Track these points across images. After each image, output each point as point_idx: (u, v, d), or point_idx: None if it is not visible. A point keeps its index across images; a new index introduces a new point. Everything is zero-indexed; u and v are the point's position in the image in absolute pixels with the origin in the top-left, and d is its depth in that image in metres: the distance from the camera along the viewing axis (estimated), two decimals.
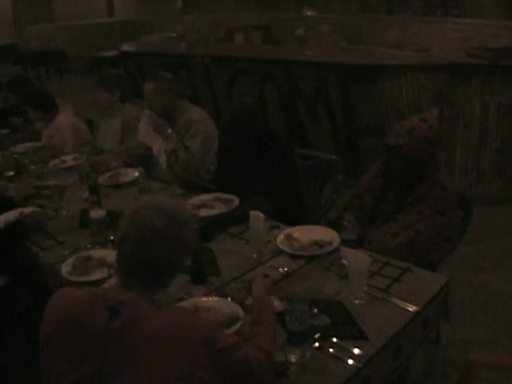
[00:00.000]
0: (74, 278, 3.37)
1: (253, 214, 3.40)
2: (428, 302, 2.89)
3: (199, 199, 4.26)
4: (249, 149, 4.32)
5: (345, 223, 3.24)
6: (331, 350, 2.53)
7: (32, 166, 5.48)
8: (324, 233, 3.53)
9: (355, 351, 2.52)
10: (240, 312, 2.75)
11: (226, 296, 2.95)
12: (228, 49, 9.96)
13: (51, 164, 5.64)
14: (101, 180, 4.93)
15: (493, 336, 4.49)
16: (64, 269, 3.48)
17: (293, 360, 2.44)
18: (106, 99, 5.93)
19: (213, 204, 4.18)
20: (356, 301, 2.86)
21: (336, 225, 3.58)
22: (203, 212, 4.00)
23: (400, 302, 2.85)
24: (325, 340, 2.59)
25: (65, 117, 6.45)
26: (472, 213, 4.03)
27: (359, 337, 2.62)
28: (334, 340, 2.58)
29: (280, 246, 3.44)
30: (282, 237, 3.53)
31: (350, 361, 2.46)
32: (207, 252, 3.45)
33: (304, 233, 3.57)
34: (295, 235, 3.55)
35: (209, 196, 4.30)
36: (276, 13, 11.97)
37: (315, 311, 2.75)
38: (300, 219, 3.94)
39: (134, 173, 4.93)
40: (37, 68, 15.90)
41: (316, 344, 2.56)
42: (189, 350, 2.06)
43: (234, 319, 2.70)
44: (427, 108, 5.71)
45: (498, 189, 6.95)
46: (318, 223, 4.02)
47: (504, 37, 9.54)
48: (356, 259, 2.86)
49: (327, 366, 2.45)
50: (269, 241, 3.50)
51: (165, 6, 14.93)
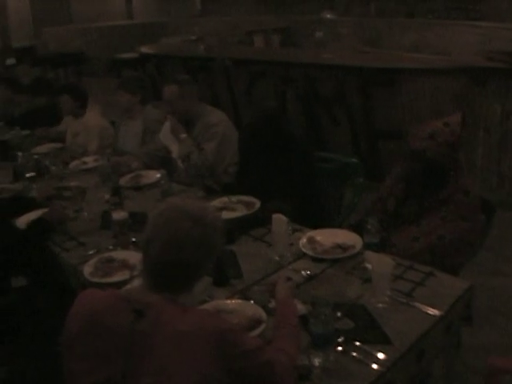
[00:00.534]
0: (96, 280, 3.39)
1: (276, 217, 3.41)
2: (451, 307, 2.89)
3: (221, 201, 4.26)
4: (271, 152, 4.33)
5: (368, 227, 3.24)
6: (355, 354, 2.52)
7: (53, 167, 5.50)
8: (347, 236, 3.54)
9: (379, 355, 2.51)
10: (263, 315, 2.76)
11: (249, 299, 2.95)
12: (248, 51, 9.99)
13: (72, 165, 5.67)
14: (122, 181, 4.95)
15: None
16: (86, 270, 3.49)
17: (316, 364, 2.44)
18: (127, 101, 5.96)
19: (234, 206, 4.18)
20: (379, 304, 2.86)
21: (358, 228, 3.58)
22: (225, 214, 3.99)
23: (423, 307, 2.85)
24: (348, 344, 2.58)
25: (93, 116, 6.48)
26: (494, 218, 4.02)
27: (383, 341, 2.61)
28: (358, 344, 2.58)
29: (303, 249, 3.45)
30: (305, 240, 3.53)
31: (374, 365, 2.46)
32: (229, 254, 3.46)
33: (327, 236, 3.57)
34: (318, 238, 3.55)
35: (230, 199, 4.29)
36: (295, 15, 11.96)
37: (338, 315, 2.75)
38: (321, 222, 3.95)
39: (156, 175, 4.95)
40: (56, 69, 15.96)
41: (339, 348, 2.56)
42: (213, 353, 2.06)
43: (257, 322, 2.70)
44: (446, 111, 5.68)
45: None
46: (339, 226, 4.04)
47: None
48: (380, 263, 2.86)
49: (350, 370, 2.45)
50: (291, 244, 3.51)
51: (184, 9, 14.96)
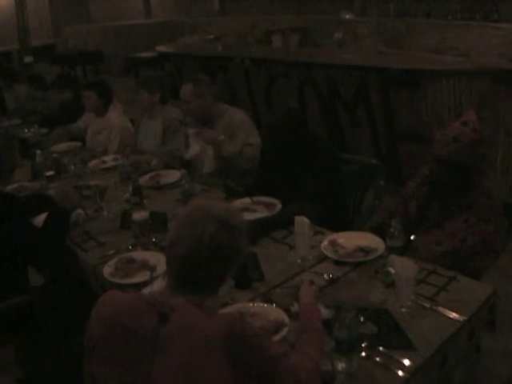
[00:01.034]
0: (117, 280, 3.38)
1: (298, 220, 3.39)
2: (475, 312, 2.85)
3: (242, 203, 4.23)
4: (293, 153, 4.31)
5: (391, 230, 3.21)
6: (378, 360, 2.50)
7: (72, 166, 5.50)
8: (369, 239, 3.50)
9: (402, 361, 2.48)
10: (285, 319, 2.74)
11: (271, 302, 2.93)
12: (267, 51, 9.95)
13: (91, 164, 5.67)
14: (142, 181, 4.92)
15: None
16: (106, 270, 3.48)
17: (340, 369, 2.42)
18: (147, 100, 5.95)
19: (255, 208, 4.16)
20: (403, 309, 2.82)
21: (380, 231, 3.55)
22: (246, 215, 3.96)
23: (446, 311, 2.82)
24: (372, 349, 2.55)
25: (116, 115, 6.48)
26: None
27: (407, 346, 2.58)
28: (381, 349, 2.55)
29: (324, 252, 3.42)
30: (326, 243, 3.50)
31: (398, 371, 2.43)
32: (251, 256, 3.42)
33: (349, 239, 3.54)
34: (340, 241, 3.52)
35: (251, 199, 4.27)
36: (313, 15, 11.93)
37: (362, 319, 2.73)
38: (342, 225, 3.93)
39: (176, 174, 4.93)
40: (74, 68, 16.01)
41: (363, 353, 2.53)
42: (238, 358, 2.05)
43: (280, 326, 2.69)
44: None
45: None
46: (361, 229, 4.00)
47: None
48: (403, 267, 2.83)
49: (374, 376, 2.42)
50: (313, 246, 3.48)
51: (202, 8, 14.96)
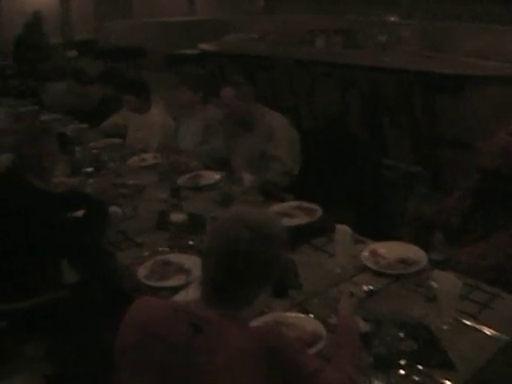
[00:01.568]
0: (152, 283, 3.34)
1: (339, 228, 3.31)
2: None
3: (281, 207, 4.16)
4: (334, 158, 4.24)
5: (435, 242, 3.12)
6: (417, 379, 2.43)
7: (111, 163, 5.49)
8: (411, 250, 3.41)
9: (442, 381, 2.41)
10: (323, 331, 2.68)
11: (309, 312, 2.88)
12: (310, 52, 9.88)
13: (130, 161, 5.64)
14: (180, 181, 4.89)
15: None
16: (141, 272, 3.45)
17: None
18: (189, 98, 5.91)
19: (294, 213, 4.07)
20: (444, 326, 2.74)
21: (422, 242, 3.47)
22: (285, 221, 3.89)
23: (489, 330, 2.73)
24: (411, 367, 2.47)
25: (157, 113, 6.46)
26: None
27: (447, 366, 2.50)
28: (420, 367, 2.48)
29: (365, 262, 3.34)
30: (367, 253, 3.42)
31: None
32: (290, 264, 3.34)
33: (390, 249, 3.45)
34: (381, 251, 3.44)
35: (291, 204, 4.20)
36: (357, 16, 11.82)
37: (401, 335, 2.64)
38: (384, 233, 3.84)
39: (215, 176, 4.88)
40: (116, 63, 16.05)
41: (401, 371, 2.45)
42: (273, 373, 2.00)
43: (317, 338, 2.63)
44: None
45: None
46: (402, 238, 3.91)
47: None
48: (447, 283, 2.75)
49: None
50: (353, 255, 3.40)
51: (246, 6, 14.92)
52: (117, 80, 7.52)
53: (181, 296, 2.93)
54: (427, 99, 6.93)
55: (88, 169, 5.18)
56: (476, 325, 2.77)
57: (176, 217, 3.77)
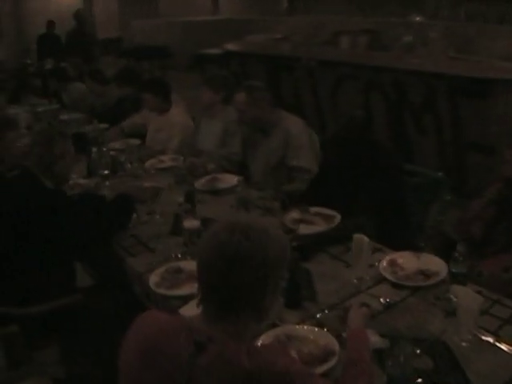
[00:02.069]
0: (162, 291, 3.27)
1: (357, 237, 3.19)
2: None
3: (299, 213, 4.05)
4: (355, 164, 4.13)
5: (455, 254, 3.00)
6: None
7: (128, 165, 5.41)
8: (430, 261, 3.28)
9: None
10: (336, 346, 2.57)
11: (323, 325, 2.77)
12: (334, 53, 9.76)
13: (148, 163, 5.56)
14: (197, 184, 4.82)
15: None
16: (152, 279, 3.38)
17: None
18: (210, 98, 5.83)
19: (313, 219, 3.97)
20: (462, 343, 2.62)
21: (443, 252, 3.34)
22: (302, 228, 3.80)
23: (510, 348, 2.60)
24: None
25: (178, 113, 6.40)
26: None
27: None
28: None
29: (383, 273, 3.22)
30: (385, 263, 3.30)
31: None
32: (304, 273, 3.22)
33: (409, 259, 3.33)
34: (399, 261, 3.32)
35: (309, 210, 4.09)
36: (383, 17, 11.67)
37: (418, 352, 2.52)
38: (404, 242, 3.73)
39: (232, 180, 4.78)
40: (140, 62, 16.07)
41: None
42: None
43: (329, 353, 2.53)
44: None
45: None
46: (422, 247, 3.79)
47: None
48: (467, 298, 2.63)
49: None
50: (371, 265, 3.29)
51: (271, 6, 14.82)
52: (134, 79, 7.46)
53: (190, 306, 2.88)
54: (453, 103, 6.80)
55: (104, 171, 5.11)
56: (497, 342, 2.64)
57: (189, 223, 3.68)
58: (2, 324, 3.62)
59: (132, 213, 4.20)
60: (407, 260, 3.34)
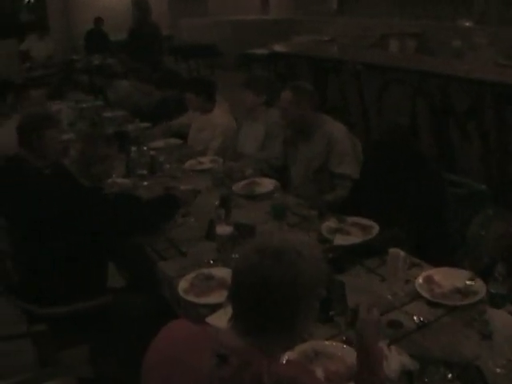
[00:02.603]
0: (190, 298, 3.23)
1: (392, 252, 3.10)
2: None
3: (336, 222, 3.98)
4: (396, 173, 4.02)
5: (495, 274, 2.88)
6: None
7: (167, 165, 5.37)
8: (469, 279, 3.15)
9: None
10: None
11: (352, 343, 2.66)
12: (380, 56, 9.65)
13: (187, 164, 5.53)
14: (235, 188, 4.76)
15: None
16: (182, 285, 3.34)
17: None
18: (252, 101, 5.77)
19: (350, 229, 3.88)
20: (497, 369, 2.50)
21: (483, 270, 3.23)
22: (338, 238, 3.72)
23: None
24: None
25: (221, 114, 6.36)
26: None
27: None
28: None
29: (418, 290, 3.11)
30: (422, 280, 3.18)
31: None
32: (338, 286, 3.11)
33: (446, 276, 3.21)
34: (436, 278, 3.20)
35: (347, 219, 4.00)
36: (431, 21, 11.50)
37: (449, 376, 2.42)
38: (442, 256, 3.62)
39: (271, 184, 4.71)
40: (188, 61, 16.08)
41: None
42: None
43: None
44: None
45: None
46: (462, 262, 3.67)
47: None
48: (505, 323, 2.53)
49: None
50: (407, 280, 3.18)
51: (320, 7, 14.73)
52: (174, 83, 7.44)
53: (218, 315, 2.88)
54: (499, 111, 6.64)
55: (142, 171, 5.09)
56: None
57: (222, 229, 3.62)
58: (32, 322, 3.64)
59: (175, 214, 4.17)
60: (444, 277, 3.22)
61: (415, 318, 2.90)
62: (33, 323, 3.61)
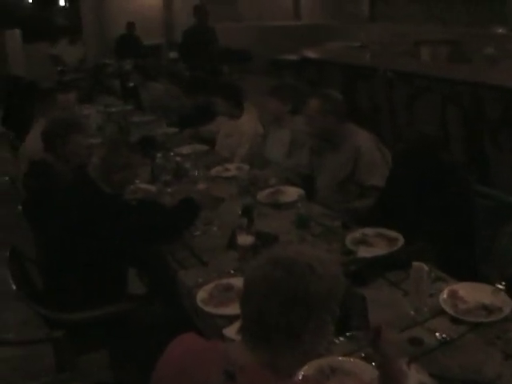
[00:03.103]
0: (209, 309, 3.19)
1: (416, 266, 3.00)
2: None
3: (361, 233, 3.91)
4: (422, 183, 3.94)
5: None
6: None
7: (193, 172, 5.32)
8: (495, 295, 3.04)
9: None
10: None
11: (372, 359, 2.58)
12: (412, 64, 9.54)
13: (213, 171, 5.49)
14: (260, 196, 4.71)
15: None
16: (200, 295, 3.30)
17: None
18: (277, 109, 5.72)
19: (374, 241, 3.81)
20: None
21: (509, 283, 3.13)
22: (362, 250, 3.64)
23: None
24: None
25: (248, 120, 6.33)
26: None
27: None
28: None
29: (442, 305, 3.02)
30: (445, 295, 3.08)
31: None
32: (359, 300, 3.01)
33: (471, 292, 3.11)
34: (461, 293, 3.09)
35: (371, 231, 3.92)
36: (465, 28, 11.35)
37: None
38: (469, 271, 3.53)
39: (295, 193, 4.64)
40: (220, 66, 16.06)
41: None
42: None
43: None
44: None
45: None
46: (488, 276, 3.57)
47: None
48: None
49: None
50: (431, 295, 3.09)
51: (351, 13, 14.63)
52: (201, 89, 7.42)
53: (234, 327, 2.78)
54: None
55: (167, 177, 5.05)
56: None
57: (243, 239, 3.57)
58: (52, 327, 3.65)
59: (195, 218, 4.10)
60: (469, 292, 3.11)
61: (437, 335, 2.82)
62: (52, 328, 3.62)
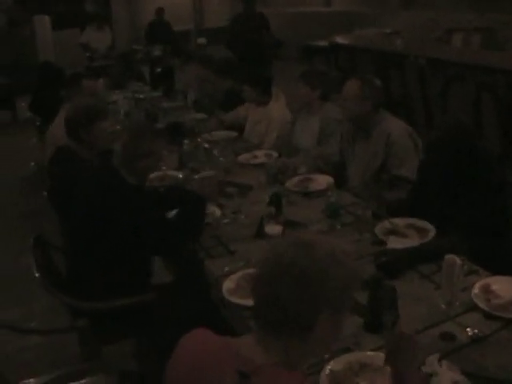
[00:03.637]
0: (234, 299, 3.11)
1: (448, 259, 2.90)
2: None
3: (391, 223, 3.80)
4: (456, 173, 3.83)
5: None
6: None
7: (221, 158, 5.25)
8: None
9: None
10: None
11: None
12: (444, 51, 9.40)
13: (241, 158, 5.42)
14: (289, 184, 4.62)
15: None
16: (226, 285, 3.23)
17: None
18: (306, 95, 5.61)
19: (405, 232, 3.70)
20: None
21: None
22: (392, 241, 3.55)
23: None
24: None
25: (277, 107, 6.25)
26: None
27: None
28: None
29: (474, 300, 2.91)
30: (478, 289, 2.97)
31: None
32: (389, 292, 2.90)
33: (505, 286, 3.00)
34: (494, 288, 2.98)
35: (401, 221, 3.82)
36: (498, 15, 11.14)
37: None
38: (504, 264, 3.42)
39: (325, 182, 4.54)
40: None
41: None
42: None
43: None
44: None
45: None
46: None
47: None
48: None
49: None
50: (464, 288, 2.98)
51: None
52: (231, 72, 7.33)
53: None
54: None
55: (194, 163, 4.99)
56: None
57: (271, 228, 3.50)
58: (76, 317, 3.63)
59: (203, 215, 3.95)
60: (503, 286, 3.01)
61: (468, 331, 2.72)
62: (77, 318, 3.60)
